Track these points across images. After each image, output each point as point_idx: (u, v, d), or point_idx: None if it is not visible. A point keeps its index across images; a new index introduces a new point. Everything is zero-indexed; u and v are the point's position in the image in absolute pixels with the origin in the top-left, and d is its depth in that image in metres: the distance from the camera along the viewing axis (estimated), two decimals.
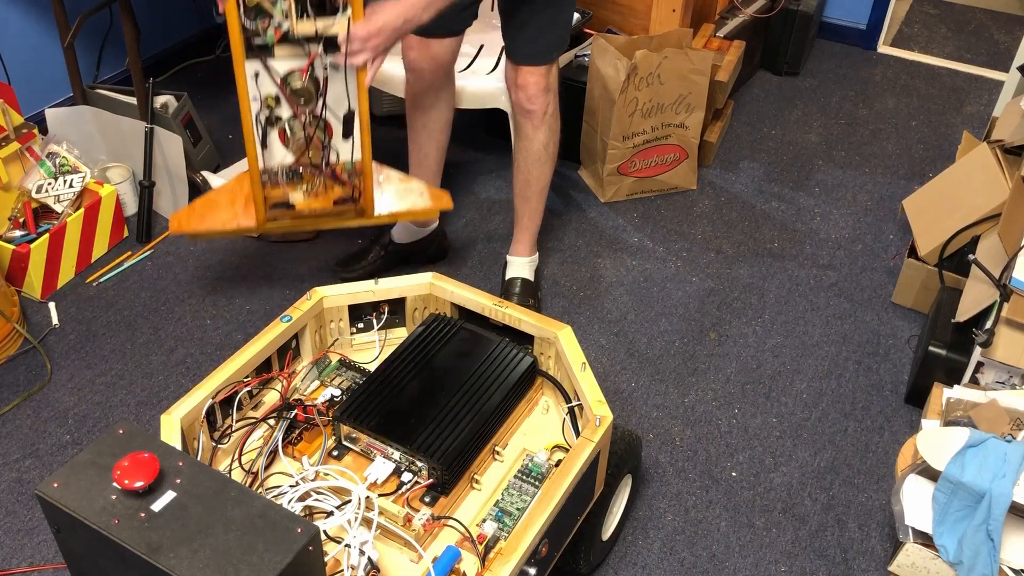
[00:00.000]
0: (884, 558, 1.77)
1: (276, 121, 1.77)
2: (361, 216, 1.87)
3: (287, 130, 1.78)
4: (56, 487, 1.04)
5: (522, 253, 2.27)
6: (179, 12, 3.19)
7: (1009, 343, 1.79)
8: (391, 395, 1.48)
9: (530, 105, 2.02)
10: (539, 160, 2.11)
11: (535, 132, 2.07)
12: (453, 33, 2.04)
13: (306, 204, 1.86)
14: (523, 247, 2.27)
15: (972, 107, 3.24)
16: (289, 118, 1.77)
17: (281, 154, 1.81)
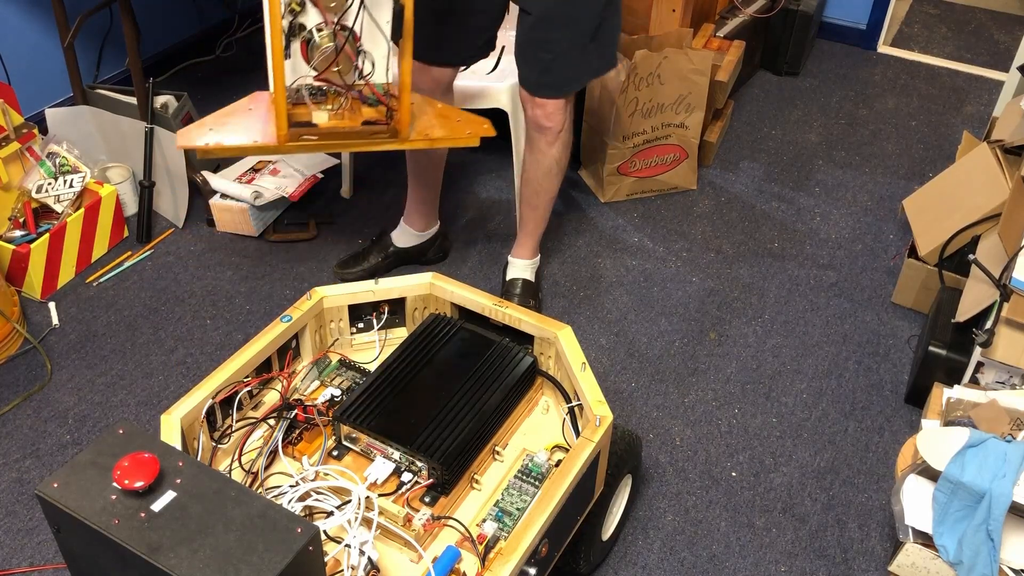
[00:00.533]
0: (884, 558, 1.77)
1: (299, 30, 1.56)
2: (394, 138, 1.67)
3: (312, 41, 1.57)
4: (56, 487, 1.04)
5: (525, 256, 2.26)
6: (179, 12, 3.19)
7: (1009, 343, 1.79)
8: (391, 395, 1.48)
9: (547, 123, 1.97)
10: (550, 173, 2.07)
11: (549, 148, 2.02)
12: (456, 65, 2.01)
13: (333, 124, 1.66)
14: (526, 250, 2.25)
15: (972, 107, 3.24)
16: (315, 27, 1.56)
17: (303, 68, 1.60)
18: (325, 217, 2.57)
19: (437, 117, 1.75)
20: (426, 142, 1.72)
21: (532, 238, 2.24)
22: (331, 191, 2.67)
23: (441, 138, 1.72)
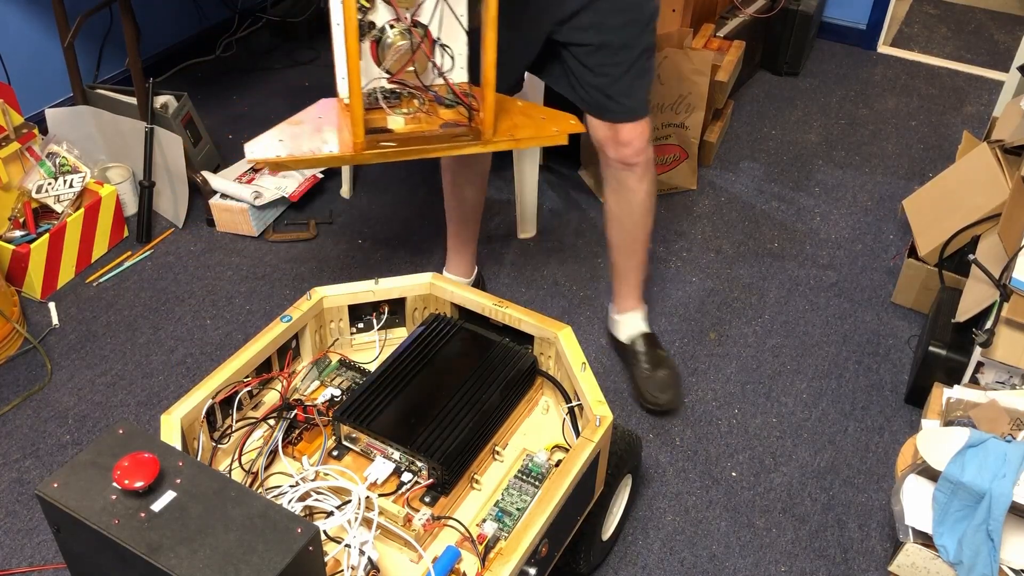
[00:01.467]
0: (884, 558, 1.77)
1: (368, 29, 1.45)
2: (477, 141, 1.55)
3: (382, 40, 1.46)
4: (56, 487, 1.04)
5: (633, 307, 2.07)
6: (179, 12, 3.19)
7: (1009, 343, 1.79)
8: (391, 395, 1.48)
9: (636, 159, 1.82)
10: (645, 210, 1.92)
11: (640, 184, 1.87)
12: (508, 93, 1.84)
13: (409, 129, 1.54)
14: (632, 300, 2.07)
15: (972, 107, 3.24)
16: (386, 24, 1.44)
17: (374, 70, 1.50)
18: (325, 217, 2.57)
19: (520, 116, 1.62)
20: (511, 143, 1.59)
21: (634, 287, 2.06)
22: (331, 191, 2.67)
23: (527, 138, 1.60)
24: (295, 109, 3.21)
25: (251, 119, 2.98)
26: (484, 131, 1.53)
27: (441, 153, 1.56)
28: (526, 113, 1.63)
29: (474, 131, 1.54)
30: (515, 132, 1.58)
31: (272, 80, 3.20)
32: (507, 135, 1.57)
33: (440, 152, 1.56)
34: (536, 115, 1.63)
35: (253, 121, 2.97)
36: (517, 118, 1.61)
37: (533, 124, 1.60)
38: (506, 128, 1.58)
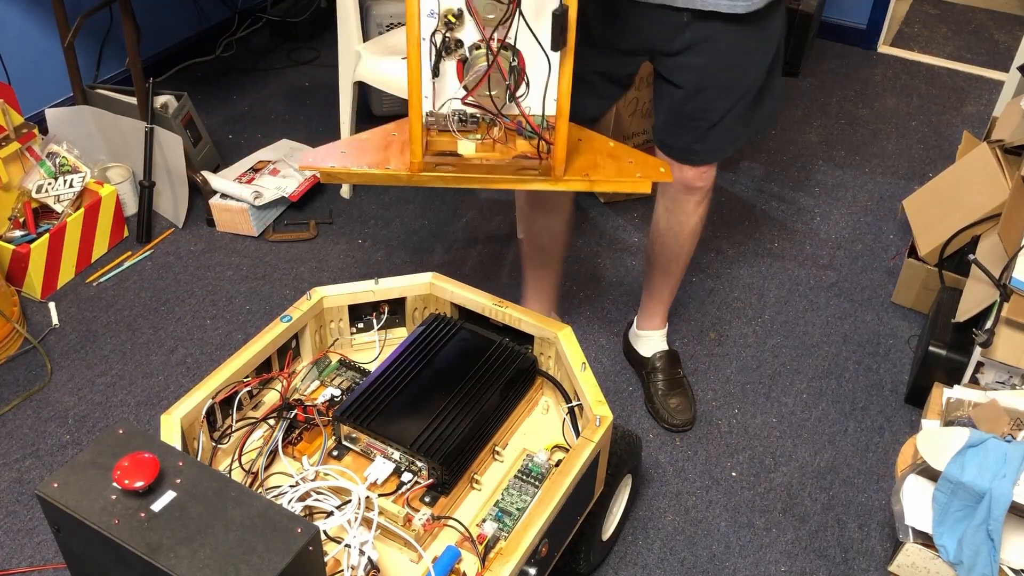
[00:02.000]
0: (884, 558, 1.77)
1: (455, 47, 1.34)
2: (546, 177, 1.42)
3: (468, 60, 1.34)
4: (56, 487, 1.04)
5: (658, 325, 2.05)
6: (179, 12, 3.19)
7: (1009, 343, 1.78)
8: (391, 395, 1.48)
9: (699, 183, 1.75)
10: (693, 234, 1.86)
11: (697, 208, 1.80)
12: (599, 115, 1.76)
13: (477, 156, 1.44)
14: (658, 319, 2.04)
15: (972, 107, 3.24)
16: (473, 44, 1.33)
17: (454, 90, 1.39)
18: (325, 217, 2.57)
19: (604, 156, 1.47)
20: (584, 183, 1.43)
21: (663, 305, 2.03)
22: (331, 191, 2.67)
23: (604, 180, 1.42)
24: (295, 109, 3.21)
25: (251, 119, 2.98)
26: (555, 167, 1.39)
27: (504, 185, 1.44)
28: (612, 154, 1.47)
29: (544, 166, 1.41)
30: (592, 172, 1.42)
31: (272, 80, 3.20)
32: (581, 174, 1.42)
33: (503, 184, 1.43)
34: (624, 157, 1.46)
35: (253, 121, 2.97)
36: (600, 157, 1.46)
37: (615, 167, 1.44)
38: (582, 166, 1.43)
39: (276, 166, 2.63)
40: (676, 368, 2.03)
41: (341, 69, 2.43)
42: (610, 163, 1.45)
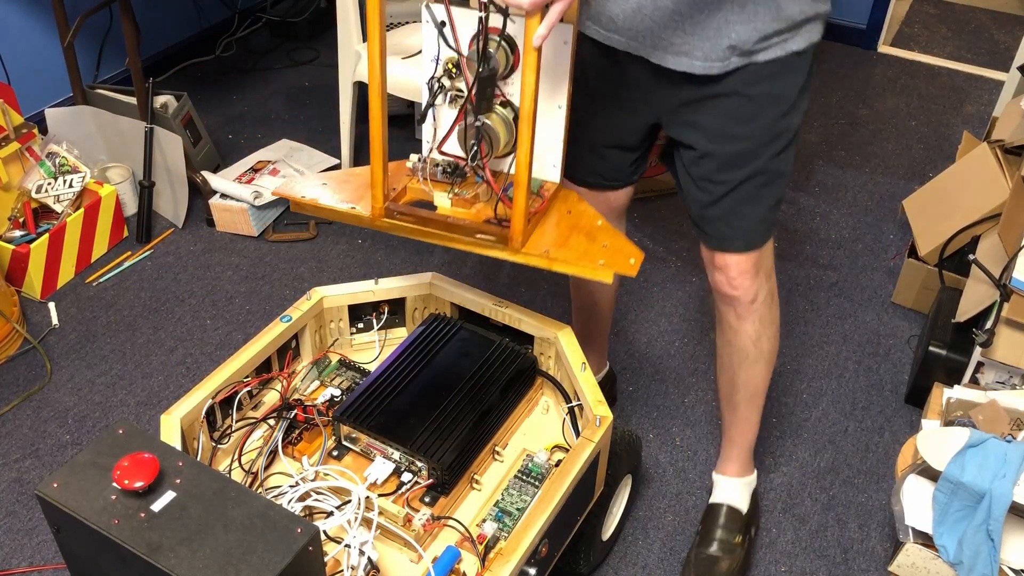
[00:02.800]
0: (884, 558, 1.77)
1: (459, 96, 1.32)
2: (503, 247, 1.35)
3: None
4: (56, 487, 1.04)
5: (731, 472, 1.77)
6: (179, 12, 3.19)
7: (1009, 343, 1.79)
8: (391, 395, 1.47)
9: (732, 291, 1.51)
10: (747, 358, 1.60)
11: (739, 322, 1.56)
12: (627, 184, 1.64)
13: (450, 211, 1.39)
14: (733, 465, 1.76)
15: (972, 107, 3.24)
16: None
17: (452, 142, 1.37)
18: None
19: (581, 233, 1.38)
20: (542, 260, 1.34)
21: (738, 448, 1.75)
22: None
23: (562, 261, 1.33)
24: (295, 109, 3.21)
25: (251, 119, 2.98)
26: (512, 238, 1.33)
27: (461, 246, 1.39)
28: (592, 234, 1.38)
29: (502, 235, 1.34)
30: (555, 249, 1.34)
31: (272, 80, 3.20)
32: (542, 249, 1.34)
33: (460, 245, 1.38)
34: (601, 239, 1.37)
35: (253, 121, 2.97)
36: (575, 235, 1.38)
37: (585, 248, 1.35)
38: (550, 241, 1.36)
39: (276, 166, 2.63)
40: (736, 534, 1.72)
41: (341, 69, 2.43)
42: (582, 243, 1.36)
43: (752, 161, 1.41)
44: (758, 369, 1.62)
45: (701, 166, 1.44)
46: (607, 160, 1.56)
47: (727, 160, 1.41)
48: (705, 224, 1.48)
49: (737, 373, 1.63)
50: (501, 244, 1.35)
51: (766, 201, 1.45)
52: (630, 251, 1.35)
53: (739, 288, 1.51)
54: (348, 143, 2.56)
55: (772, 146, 1.41)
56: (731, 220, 1.45)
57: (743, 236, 1.46)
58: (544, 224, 1.40)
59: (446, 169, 1.41)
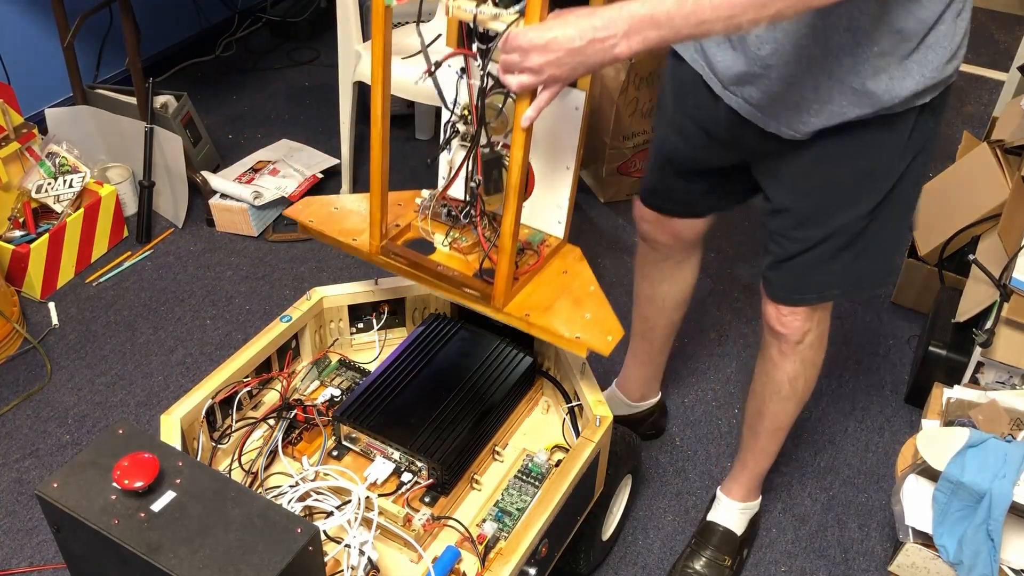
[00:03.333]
0: (884, 558, 1.77)
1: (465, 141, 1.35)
2: (485, 303, 1.37)
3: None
4: (56, 487, 1.04)
5: (737, 496, 1.75)
6: (179, 12, 3.19)
7: (1009, 343, 1.78)
8: (391, 395, 1.47)
9: (780, 328, 1.48)
10: (779, 394, 1.59)
11: (781, 359, 1.54)
12: (696, 215, 1.60)
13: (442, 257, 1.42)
14: (738, 488, 1.74)
15: (972, 107, 3.24)
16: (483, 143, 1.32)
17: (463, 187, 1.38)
18: None
19: (569, 299, 1.38)
20: (520, 323, 1.36)
21: (748, 473, 1.73)
22: (331, 191, 2.66)
23: (540, 327, 1.34)
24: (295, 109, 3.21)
25: (251, 119, 2.98)
26: (494, 296, 1.35)
27: (447, 295, 1.42)
28: (580, 300, 1.38)
29: (485, 291, 1.36)
30: (536, 313, 1.35)
31: (272, 80, 3.20)
32: (523, 311, 1.35)
33: (446, 294, 1.41)
34: (587, 308, 1.37)
35: (253, 121, 2.97)
36: (562, 300, 1.38)
37: (567, 316, 1.35)
38: (534, 303, 1.37)
39: (276, 166, 2.63)
40: (726, 556, 1.71)
41: (341, 69, 2.43)
42: (565, 310, 1.37)
43: (829, 220, 1.34)
44: (788, 406, 1.61)
45: (777, 220, 1.40)
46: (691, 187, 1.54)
47: (803, 217, 1.36)
48: (773, 274, 1.44)
49: (767, 403, 1.61)
50: (485, 300, 1.37)
51: (844, 264, 1.38)
52: (610, 327, 1.35)
53: (788, 328, 1.48)
54: (348, 143, 2.56)
55: (855, 207, 1.33)
56: (802, 277, 1.41)
57: (808, 294, 1.43)
58: (535, 282, 1.41)
59: (451, 211, 1.43)
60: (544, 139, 1.38)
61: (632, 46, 1.06)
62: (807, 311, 1.45)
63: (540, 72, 1.10)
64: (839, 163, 1.30)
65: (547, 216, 1.45)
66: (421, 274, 1.40)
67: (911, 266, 2.27)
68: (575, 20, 1.07)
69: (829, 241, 1.36)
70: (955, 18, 1.20)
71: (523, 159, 1.20)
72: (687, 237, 1.64)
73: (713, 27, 1.03)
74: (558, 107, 1.30)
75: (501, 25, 1.13)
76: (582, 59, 1.08)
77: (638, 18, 1.04)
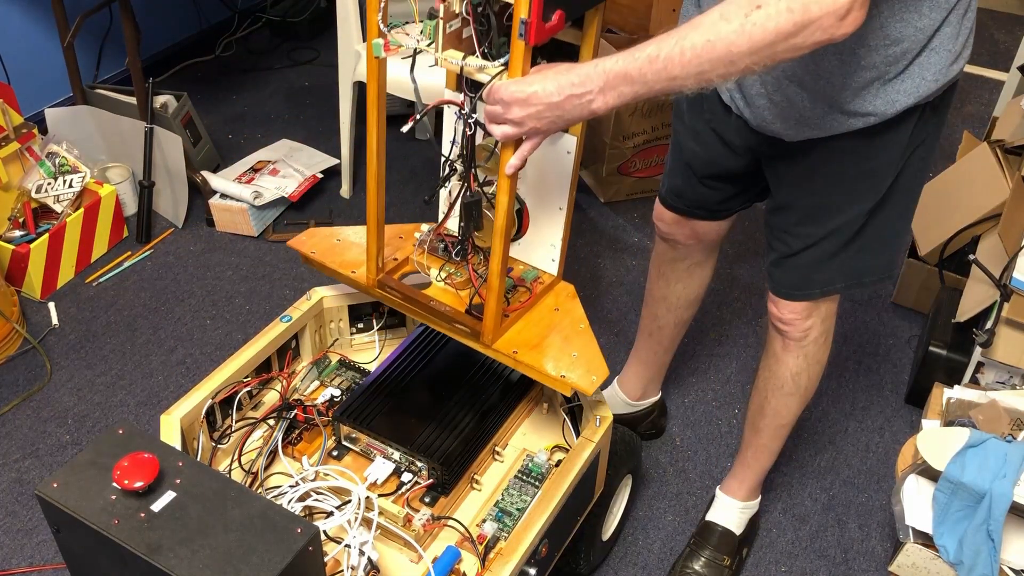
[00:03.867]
0: (884, 558, 1.77)
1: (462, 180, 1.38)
2: (474, 339, 1.40)
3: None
4: (56, 487, 1.04)
5: (737, 495, 1.75)
6: (179, 12, 3.19)
7: (1009, 343, 1.78)
8: (391, 395, 1.47)
9: (781, 325, 1.51)
10: (781, 389, 1.59)
11: (784, 354, 1.55)
12: (716, 217, 1.61)
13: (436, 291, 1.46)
14: (741, 488, 1.74)
15: (972, 107, 3.24)
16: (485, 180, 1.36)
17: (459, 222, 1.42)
18: (325, 217, 2.57)
19: (560, 336, 1.42)
20: (508, 360, 1.38)
21: (749, 472, 1.73)
22: (331, 191, 2.66)
23: (527, 365, 1.37)
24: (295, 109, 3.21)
25: (251, 119, 2.98)
26: (483, 333, 1.38)
27: (440, 329, 1.45)
28: (569, 338, 1.42)
29: (473, 328, 1.39)
30: (524, 351, 1.38)
31: (272, 80, 3.20)
32: (509, 348, 1.38)
33: (439, 327, 1.45)
34: (575, 347, 1.40)
35: (253, 121, 2.97)
36: (552, 336, 1.41)
37: (556, 353, 1.38)
38: (523, 340, 1.40)
39: (276, 166, 2.63)
40: (724, 556, 1.71)
41: (341, 69, 2.43)
42: (554, 348, 1.39)
43: (832, 217, 1.37)
44: (791, 403, 1.62)
45: (779, 216, 1.43)
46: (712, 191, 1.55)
47: (806, 214, 1.39)
48: (776, 270, 1.47)
49: (769, 400, 1.62)
50: (474, 336, 1.40)
51: (847, 259, 1.40)
52: (596, 367, 1.37)
53: (789, 325, 1.50)
54: (348, 143, 2.56)
55: (857, 204, 1.35)
56: (805, 272, 1.43)
57: (810, 287, 1.45)
58: (526, 319, 1.44)
59: (446, 247, 1.48)
60: (537, 181, 1.42)
61: (608, 101, 1.09)
62: (810, 306, 1.47)
63: (522, 124, 1.13)
64: (842, 162, 1.32)
65: (541, 254, 1.50)
66: (415, 308, 1.44)
67: (911, 266, 2.27)
68: (554, 76, 1.10)
69: (832, 237, 1.38)
70: (960, 19, 1.20)
71: (508, 204, 1.24)
72: (709, 239, 1.66)
73: (685, 83, 1.05)
74: (551, 151, 1.34)
75: (486, 76, 1.16)
76: (560, 113, 1.11)
77: (612, 75, 1.06)
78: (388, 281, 1.46)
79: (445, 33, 1.18)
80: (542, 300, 1.48)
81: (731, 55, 1.01)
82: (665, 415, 2.02)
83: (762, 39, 0.99)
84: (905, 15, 1.16)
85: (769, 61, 1.02)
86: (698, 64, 1.02)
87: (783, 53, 1.00)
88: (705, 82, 1.04)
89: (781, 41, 0.99)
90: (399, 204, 2.63)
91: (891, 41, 1.18)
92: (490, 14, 1.17)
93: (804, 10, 0.97)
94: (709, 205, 1.58)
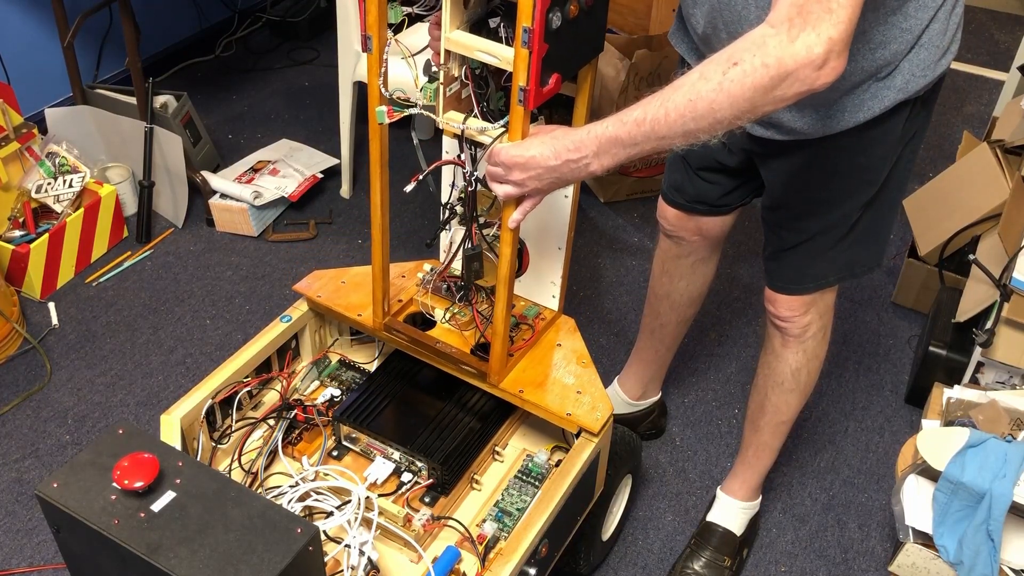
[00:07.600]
0: (884, 558, 1.77)
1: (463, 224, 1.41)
2: (480, 380, 1.43)
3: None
4: (56, 487, 1.04)
5: (737, 495, 1.75)
6: (179, 12, 3.19)
7: (1009, 343, 1.78)
8: (391, 395, 1.47)
9: (780, 321, 1.53)
10: (781, 385, 1.61)
11: (783, 350, 1.57)
12: (717, 212, 1.61)
13: (441, 332, 1.50)
14: (742, 488, 1.74)
15: (972, 107, 3.24)
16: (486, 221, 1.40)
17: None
18: (325, 217, 2.57)
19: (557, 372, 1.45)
20: (515, 399, 1.42)
21: (750, 471, 1.73)
22: (331, 191, 2.66)
23: (534, 404, 1.40)
24: (295, 109, 3.21)
25: (251, 119, 2.98)
26: (490, 373, 1.41)
27: (448, 369, 1.47)
28: (569, 373, 1.46)
29: (479, 368, 1.42)
30: (530, 389, 1.41)
31: (272, 80, 3.20)
32: (515, 387, 1.42)
33: (446, 368, 1.47)
34: (580, 384, 1.44)
35: (253, 121, 2.97)
36: (556, 374, 1.45)
37: (561, 392, 1.41)
38: (526, 379, 1.43)
39: (276, 166, 2.63)
40: (725, 556, 1.71)
41: (341, 69, 2.43)
42: (558, 386, 1.43)
43: (826, 213, 1.39)
44: (790, 399, 1.63)
45: (775, 212, 1.45)
46: (710, 184, 1.56)
47: (801, 210, 1.41)
48: (772, 264, 1.49)
49: (768, 397, 1.63)
50: (481, 377, 1.43)
51: (840, 252, 1.42)
52: (599, 403, 1.41)
53: (788, 321, 1.51)
54: (348, 143, 2.56)
55: (851, 199, 1.37)
56: (801, 266, 1.45)
57: (805, 281, 1.46)
58: (529, 357, 1.48)
59: (450, 287, 1.53)
60: (537, 224, 1.47)
61: (604, 164, 1.12)
62: (807, 301, 1.49)
63: (523, 185, 1.18)
64: (835, 159, 1.33)
65: (542, 291, 1.55)
66: (421, 349, 1.48)
67: (911, 266, 2.27)
68: (551, 141, 1.14)
69: (827, 232, 1.40)
70: (948, 16, 1.21)
71: (511, 255, 1.28)
72: (713, 234, 1.66)
73: (673, 141, 1.07)
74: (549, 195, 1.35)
75: (488, 139, 1.20)
76: (558, 175, 1.15)
77: (605, 139, 1.10)
78: (394, 324, 1.50)
79: (445, 96, 1.22)
80: (544, 336, 1.52)
81: (713, 112, 1.02)
82: (665, 415, 2.02)
83: (740, 95, 1.00)
84: (889, 18, 1.17)
85: (752, 116, 1.03)
86: (683, 123, 1.04)
87: (765, 107, 1.02)
88: (693, 139, 1.06)
89: (760, 96, 1.00)
90: (399, 204, 2.63)
91: (876, 45, 1.18)
92: (488, 77, 1.22)
93: (779, 64, 0.98)
94: (709, 200, 1.58)
